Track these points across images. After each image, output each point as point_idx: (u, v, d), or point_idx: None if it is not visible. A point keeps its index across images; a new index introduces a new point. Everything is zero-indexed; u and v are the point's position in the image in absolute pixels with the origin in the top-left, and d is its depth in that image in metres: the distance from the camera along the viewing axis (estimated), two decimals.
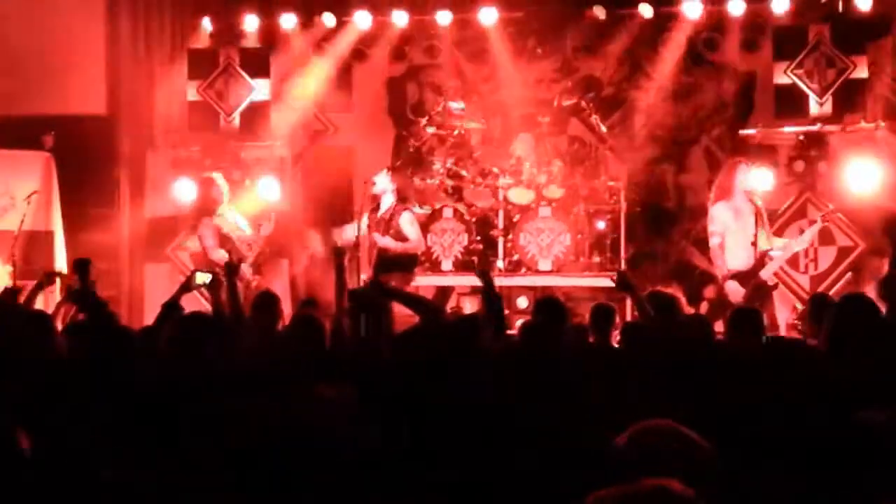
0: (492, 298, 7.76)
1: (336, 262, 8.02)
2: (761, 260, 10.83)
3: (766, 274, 10.82)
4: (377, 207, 12.11)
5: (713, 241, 11.04)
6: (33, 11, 13.30)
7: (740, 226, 10.93)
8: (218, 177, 12.16)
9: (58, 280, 9.83)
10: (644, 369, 5.76)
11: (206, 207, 11.91)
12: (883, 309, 7.24)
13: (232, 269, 8.15)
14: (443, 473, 4.46)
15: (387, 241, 11.92)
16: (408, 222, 12.05)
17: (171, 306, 7.29)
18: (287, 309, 9.50)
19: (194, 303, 9.50)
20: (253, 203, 13.02)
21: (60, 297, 9.81)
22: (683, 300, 8.54)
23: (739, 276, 10.81)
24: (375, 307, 6.91)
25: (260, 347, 7.02)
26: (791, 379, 5.15)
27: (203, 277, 7.96)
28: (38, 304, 9.02)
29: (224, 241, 11.71)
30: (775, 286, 11.07)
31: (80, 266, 7.84)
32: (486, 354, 6.08)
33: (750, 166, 11.15)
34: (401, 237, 11.94)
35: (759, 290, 10.70)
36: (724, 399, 5.00)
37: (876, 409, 4.22)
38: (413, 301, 7.74)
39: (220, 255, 11.37)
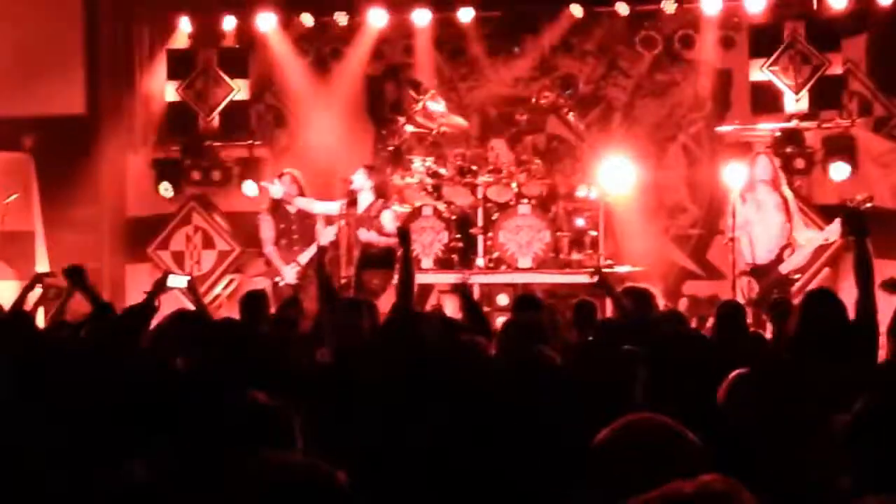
0: (472, 311, 7.81)
1: (318, 260, 8.06)
2: (780, 254, 10.85)
3: (785, 268, 10.81)
4: (354, 204, 12.16)
5: (726, 237, 11.11)
6: (11, 12, 13.29)
7: (760, 218, 10.96)
8: (296, 173, 12.34)
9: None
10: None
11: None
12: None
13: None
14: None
15: (371, 236, 12.00)
16: (390, 219, 12.12)
17: (146, 307, 7.29)
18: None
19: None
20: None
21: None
22: (659, 296, 8.57)
23: (758, 271, 10.85)
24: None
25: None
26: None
27: (177, 280, 8.00)
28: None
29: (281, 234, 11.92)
30: (795, 280, 10.99)
31: (74, 273, 7.80)
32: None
33: (765, 157, 11.18)
34: (383, 234, 12.01)
35: (778, 284, 10.64)
36: (701, 392, 5.02)
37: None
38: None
39: (270, 251, 11.60)
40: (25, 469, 4.25)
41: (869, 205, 10.82)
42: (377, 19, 14.09)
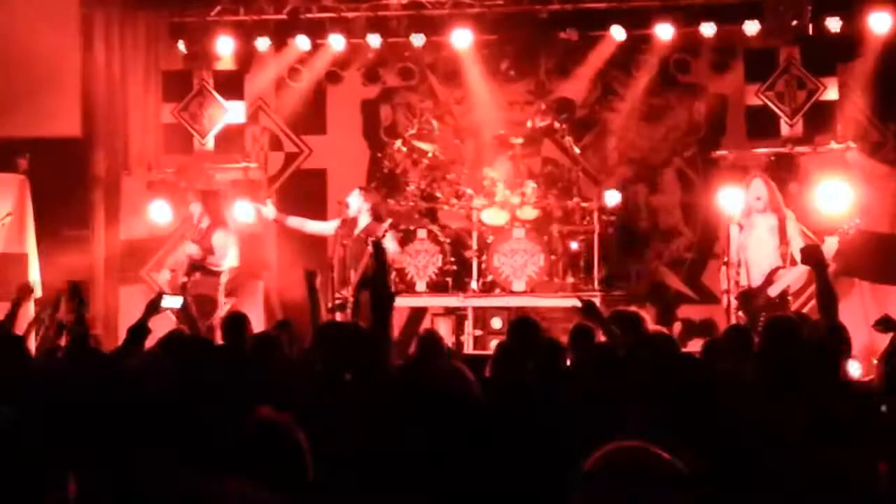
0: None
1: (308, 283, 8.02)
2: (770, 277, 10.84)
3: (774, 291, 10.80)
4: (354, 225, 12.14)
5: (722, 261, 11.15)
6: (6, 33, 13.29)
7: (753, 242, 10.96)
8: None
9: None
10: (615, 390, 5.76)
11: None
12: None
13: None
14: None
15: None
16: (390, 239, 12.12)
17: (139, 329, 7.26)
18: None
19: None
20: None
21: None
22: (650, 320, 8.53)
23: (748, 294, 10.84)
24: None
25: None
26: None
27: (171, 301, 7.97)
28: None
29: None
30: (787, 302, 10.97)
31: (76, 291, 7.77)
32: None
33: (759, 180, 11.17)
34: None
35: (768, 308, 10.61)
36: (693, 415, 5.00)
37: None
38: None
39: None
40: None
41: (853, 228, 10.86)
42: (374, 43, 14.08)
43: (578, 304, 8.30)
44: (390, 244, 12.01)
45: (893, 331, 7.57)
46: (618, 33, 13.60)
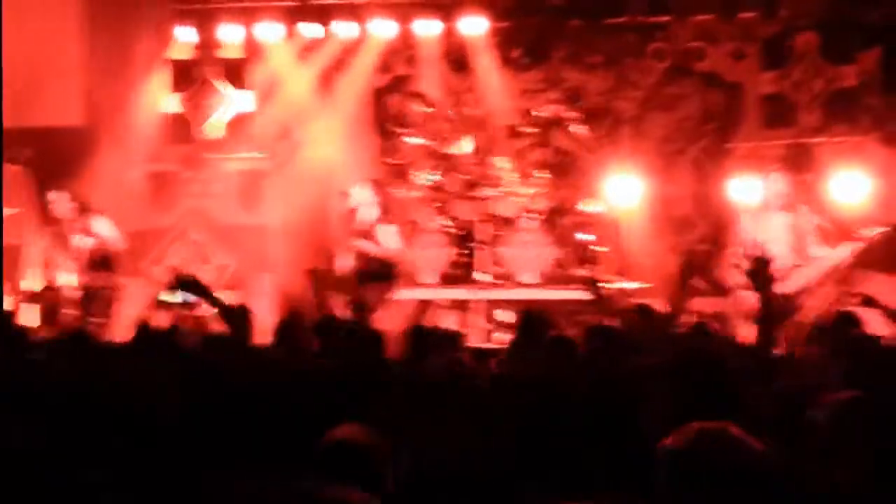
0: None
1: (312, 282, 7.89)
2: (786, 273, 10.65)
3: (787, 288, 10.61)
4: (352, 217, 12.01)
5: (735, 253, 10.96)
6: (9, 23, 13.13)
7: (770, 237, 10.77)
8: None
9: None
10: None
11: None
12: None
13: None
14: None
15: (367, 245, 11.84)
16: (390, 233, 11.97)
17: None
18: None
19: None
20: None
21: None
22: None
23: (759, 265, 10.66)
24: None
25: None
26: None
27: (177, 296, 7.80)
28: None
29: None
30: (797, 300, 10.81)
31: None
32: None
33: (779, 175, 10.96)
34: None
35: (781, 303, 10.46)
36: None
37: None
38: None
39: None
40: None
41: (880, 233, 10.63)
42: (382, 30, 13.89)
43: (588, 296, 8.21)
44: (391, 239, 11.86)
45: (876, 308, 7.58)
46: (632, 21, 13.40)
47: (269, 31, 14.08)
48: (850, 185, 12.06)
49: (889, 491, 3.87)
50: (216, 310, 7.00)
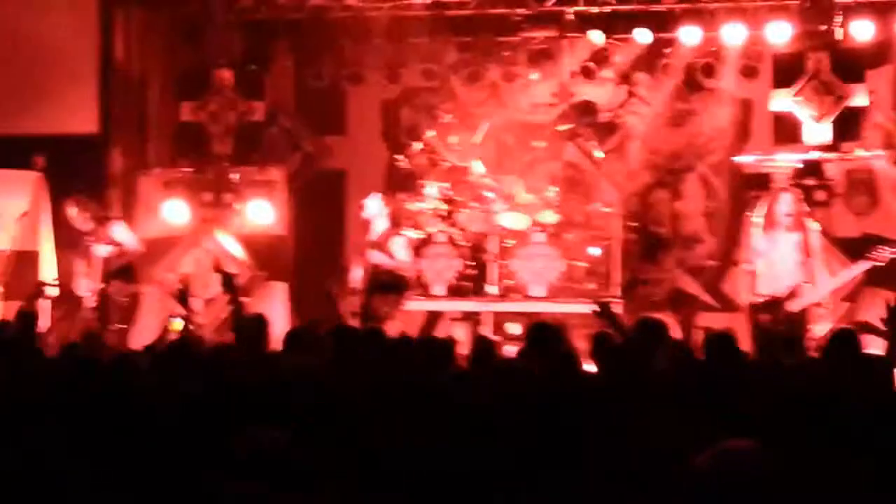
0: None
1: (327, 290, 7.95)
2: (793, 291, 10.70)
3: (794, 306, 10.65)
4: (368, 230, 12.05)
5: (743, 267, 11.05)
6: (25, 30, 13.22)
7: (777, 255, 10.84)
8: None
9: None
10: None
11: None
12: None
13: None
14: None
15: (380, 258, 11.88)
16: (401, 246, 12.00)
17: None
18: None
19: None
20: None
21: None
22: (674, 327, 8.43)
23: (767, 305, 10.72)
24: None
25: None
26: None
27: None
28: None
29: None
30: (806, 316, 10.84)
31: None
32: None
33: (789, 195, 11.04)
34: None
35: (788, 320, 10.51)
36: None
37: None
38: None
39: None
40: None
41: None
42: (395, 42, 13.92)
43: (596, 309, 8.20)
44: (400, 251, 11.90)
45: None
46: (643, 37, 13.42)
47: (283, 44, 14.11)
48: (857, 202, 12.09)
49: None
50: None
